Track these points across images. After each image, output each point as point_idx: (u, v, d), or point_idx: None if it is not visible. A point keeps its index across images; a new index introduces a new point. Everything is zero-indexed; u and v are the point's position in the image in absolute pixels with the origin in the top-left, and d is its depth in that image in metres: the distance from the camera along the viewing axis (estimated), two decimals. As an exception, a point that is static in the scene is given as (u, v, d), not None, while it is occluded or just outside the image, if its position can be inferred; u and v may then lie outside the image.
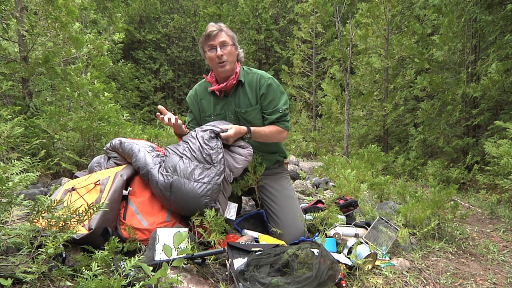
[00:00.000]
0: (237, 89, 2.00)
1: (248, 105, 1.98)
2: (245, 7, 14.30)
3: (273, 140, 2.04)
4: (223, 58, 1.88)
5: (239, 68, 1.98)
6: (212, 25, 1.91)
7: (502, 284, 1.71)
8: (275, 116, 1.97)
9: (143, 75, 15.90)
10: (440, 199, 2.26)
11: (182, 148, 1.80)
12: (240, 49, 2.00)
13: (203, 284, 1.36)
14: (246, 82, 1.99)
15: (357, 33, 8.58)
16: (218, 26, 1.91)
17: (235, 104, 1.99)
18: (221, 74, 1.94)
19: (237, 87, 1.99)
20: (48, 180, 2.82)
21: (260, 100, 1.98)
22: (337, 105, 9.52)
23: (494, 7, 5.66)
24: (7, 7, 3.30)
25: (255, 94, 1.98)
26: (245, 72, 2.02)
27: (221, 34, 1.89)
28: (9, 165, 1.36)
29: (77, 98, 3.07)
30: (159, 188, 1.68)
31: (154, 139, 4.52)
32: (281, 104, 1.98)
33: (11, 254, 1.27)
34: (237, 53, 1.98)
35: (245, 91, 1.98)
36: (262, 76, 2.00)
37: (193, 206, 1.65)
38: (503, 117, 5.55)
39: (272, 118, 1.97)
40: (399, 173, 6.71)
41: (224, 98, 2.01)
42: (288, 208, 1.99)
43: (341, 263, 1.61)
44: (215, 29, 1.88)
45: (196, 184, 1.65)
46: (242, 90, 1.99)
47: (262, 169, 2.00)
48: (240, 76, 1.97)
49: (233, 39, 1.94)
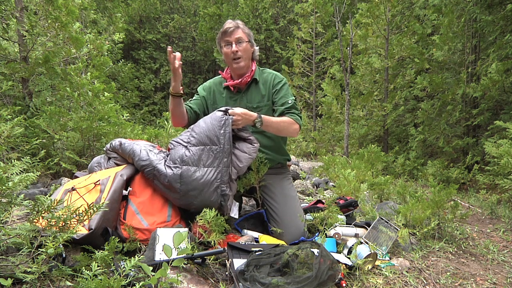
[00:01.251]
0: (250, 86, 2.05)
1: (260, 101, 2.02)
2: (245, 7, 14.30)
3: (284, 133, 2.02)
4: (238, 54, 1.93)
5: (255, 67, 2.04)
6: (230, 22, 1.96)
7: (502, 284, 1.71)
8: (285, 106, 1.99)
9: (143, 75, 15.90)
10: (440, 199, 2.26)
11: (186, 137, 1.79)
12: (256, 47, 2.05)
13: (203, 284, 1.36)
14: (260, 80, 2.04)
15: (357, 33, 8.57)
16: (235, 23, 1.96)
17: (247, 99, 2.04)
18: (236, 70, 1.99)
19: (250, 84, 2.05)
20: (48, 180, 2.82)
21: (272, 96, 2.03)
22: (337, 105, 9.52)
23: (494, 7, 5.66)
24: (7, 7, 3.30)
25: (268, 91, 2.03)
26: (260, 71, 2.09)
27: (238, 30, 1.94)
28: (9, 165, 1.36)
29: (77, 98, 3.07)
30: (168, 181, 1.66)
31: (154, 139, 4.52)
32: (291, 99, 2.03)
33: (11, 254, 1.27)
34: (253, 50, 2.03)
35: (258, 89, 2.04)
36: (277, 75, 2.08)
37: (205, 193, 1.65)
38: (503, 117, 5.55)
39: (282, 109, 1.99)
40: (399, 173, 6.71)
41: (237, 93, 2.07)
42: (289, 207, 1.99)
43: (341, 263, 1.61)
44: (232, 26, 1.93)
45: (206, 169, 1.66)
46: (255, 87, 2.05)
47: (265, 168, 2.00)
48: (255, 74, 2.03)
49: (249, 36, 1.99)
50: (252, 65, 2.04)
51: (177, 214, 1.79)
